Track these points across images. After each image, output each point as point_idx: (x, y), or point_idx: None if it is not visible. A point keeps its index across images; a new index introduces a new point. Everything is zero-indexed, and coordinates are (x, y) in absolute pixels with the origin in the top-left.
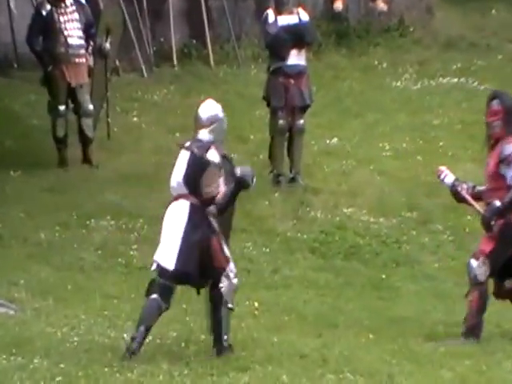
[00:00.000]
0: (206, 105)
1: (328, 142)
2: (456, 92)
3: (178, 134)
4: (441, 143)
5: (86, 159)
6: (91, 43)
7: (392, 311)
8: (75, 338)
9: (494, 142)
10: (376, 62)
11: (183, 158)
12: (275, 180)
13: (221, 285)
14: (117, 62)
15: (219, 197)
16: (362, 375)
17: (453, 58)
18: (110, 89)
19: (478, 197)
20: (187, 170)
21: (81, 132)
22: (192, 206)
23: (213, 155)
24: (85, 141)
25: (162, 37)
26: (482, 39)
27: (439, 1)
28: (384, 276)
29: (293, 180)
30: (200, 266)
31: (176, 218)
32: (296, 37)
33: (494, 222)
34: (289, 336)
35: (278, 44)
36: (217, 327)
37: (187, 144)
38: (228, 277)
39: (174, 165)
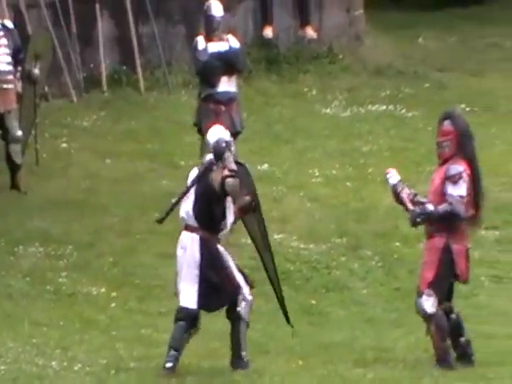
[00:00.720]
0: (213, 130)
1: (259, 167)
2: (384, 119)
3: (108, 160)
4: (370, 169)
5: (15, 185)
6: (19, 69)
7: (322, 337)
8: (2, 367)
9: (442, 161)
10: (306, 89)
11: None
12: None
13: (238, 308)
14: (46, 88)
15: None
16: None
17: (381, 86)
18: (39, 114)
19: (416, 205)
20: (196, 200)
21: (9, 158)
22: (202, 241)
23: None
24: (13, 167)
25: (91, 62)
26: (409, 67)
27: (368, 28)
28: (314, 301)
29: None
30: (218, 295)
31: (189, 256)
32: (226, 64)
33: (419, 220)
34: (220, 362)
35: (209, 71)
36: (236, 345)
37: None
38: (244, 298)
39: (105, 191)
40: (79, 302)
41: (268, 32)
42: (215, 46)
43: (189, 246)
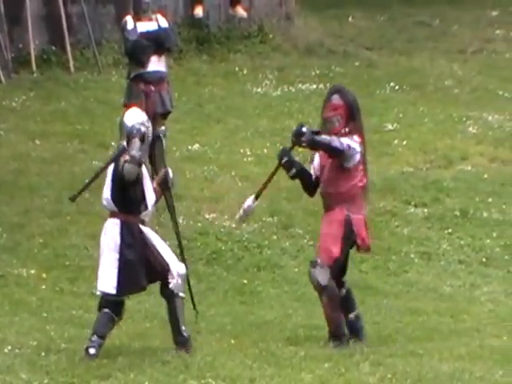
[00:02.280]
0: (130, 113)
1: (190, 147)
2: (315, 98)
3: (37, 141)
4: (301, 148)
5: None
6: None
7: (254, 316)
8: None
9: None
10: (237, 69)
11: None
12: None
13: (170, 285)
14: None
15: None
16: (223, 380)
17: (312, 65)
18: None
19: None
20: (113, 185)
21: None
22: (123, 225)
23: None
24: None
25: (20, 42)
26: (339, 46)
27: (298, 8)
28: (246, 281)
29: None
30: (141, 275)
31: (109, 239)
32: (156, 43)
33: (304, 142)
34: (151, 343)
35: (138, 51)
36: (175, 320)
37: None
38: (172, 274)
39: (34, 172)
40: (9, 284)
41: (198, 11)
42: (144, 26)
43: (109, 230)
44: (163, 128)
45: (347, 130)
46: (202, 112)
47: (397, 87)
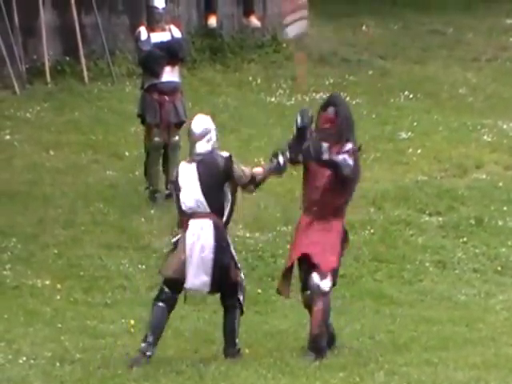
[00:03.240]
0: (197, 120)
1: None
2: None
3: (51, 152)
4: None
5: None
6: None
7: (268, 325)
8: None
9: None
10: (250, 78)
11: (191, 175)
12: (151, 196)
13: (240, 295)
14: None
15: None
16: None
17: (325, 74)
18: None
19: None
20: (204, 184)
21: None
22: (215, 227)
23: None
24: None
25: (34, 53)
26: (353, 55)
27: (312, 17)
28: (260, 290)
29: (169, 196)
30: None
31: (203, 240)
32: (169, 53)
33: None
34: (166, 352)
35: (152, 61)
36: (231, 331)
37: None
38: (242, 286)
39: (48, 183)
40: (24, 295)
41: (212, 21)
42: (158, 36)
43: (201, 232)
44: (177, 138)
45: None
46: (215, 122)
47: (411, 95)
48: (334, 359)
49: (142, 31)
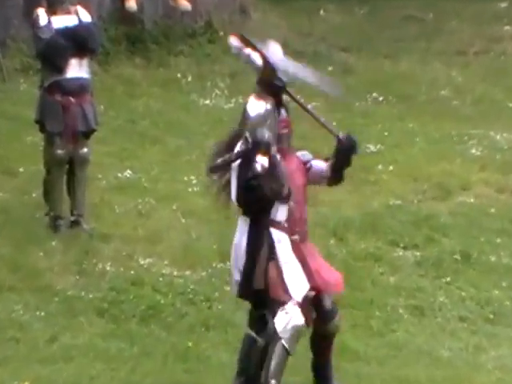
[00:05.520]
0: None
1: (119, 175)
2: None
3: None
4: None
5: None
6: None
7: None
8: None
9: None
10: (179, 75)
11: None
12: (52, 224)
13: (276, 320)
14: None
15: None
16: None
17: None
18: None
19: None
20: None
21: None
22: (252, 221)
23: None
24: None
25: None
26: (308, 46)
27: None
28: (190, 343)
29: (75, 224)
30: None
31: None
32: (76, 42)
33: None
34: None
35: (53, 52)
36: (265, 367)
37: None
38: (286, 312)
39: None
40: None
41: (131, 3)
42: (61, 21)
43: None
44: (86, 150)
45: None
46: (134, 130)
47: (380, 98)
48: None
49: (41, 15)
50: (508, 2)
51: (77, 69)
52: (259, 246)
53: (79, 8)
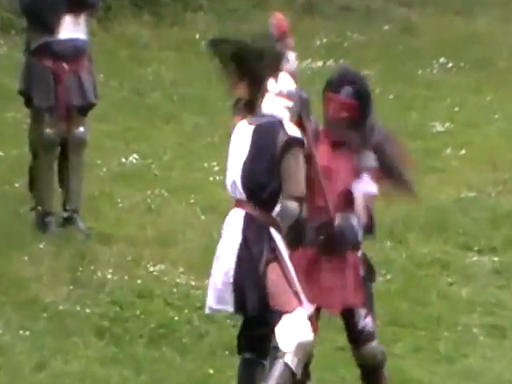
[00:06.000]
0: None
1: (124, 160)
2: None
3: None
4: None
5: None
6: None
7: None
8: None
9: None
10: (197, 36)
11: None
12: (40, 222)
13: (278, 333)
14: None
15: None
16: None
17: (315, 29)
18: None
19: None
20: (249, 163)
21: None
22: (247, 218)
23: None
24: None
25: None
26: (359, 0)
27: None
28: (212, 370)
29: (68, 221)
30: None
31: (228, 238)
32: None
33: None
34: None
35: (43, 6)
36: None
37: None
38: (291, 324)
39: None
40: None
41: None
42: None
43: (231, 226)
44: (82, 130)
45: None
46: (142, 105)
47: (450, 64)
48: None
49: None
50: None
51: (71, 28)
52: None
53: None
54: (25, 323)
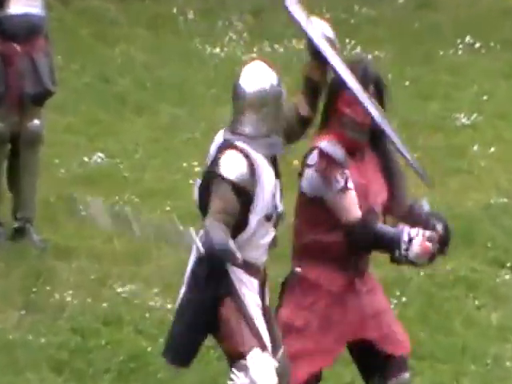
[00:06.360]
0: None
1: (87, 159)
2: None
3: None
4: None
5: None
6: None
7: None
8: None
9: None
10: (174, 10)
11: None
12: None
13: (232, 379)
14: None
15: None
16: None
17: (319, 3)
18: None
19: None
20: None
21: None
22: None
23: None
24: None
25: None
26: None
27: None
28: None
29: (20, 233)
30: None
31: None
32: None
33: None
34: None
35: None
36: None
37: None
38: (246, 369)
39: None
40: None
41: None
42: None
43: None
44: (37, 123)
45: None
46: (109, 92)
47: (477, 45)
48: None
49: None
50: None
51: (24, 1)
52: None
53: None
54: None
